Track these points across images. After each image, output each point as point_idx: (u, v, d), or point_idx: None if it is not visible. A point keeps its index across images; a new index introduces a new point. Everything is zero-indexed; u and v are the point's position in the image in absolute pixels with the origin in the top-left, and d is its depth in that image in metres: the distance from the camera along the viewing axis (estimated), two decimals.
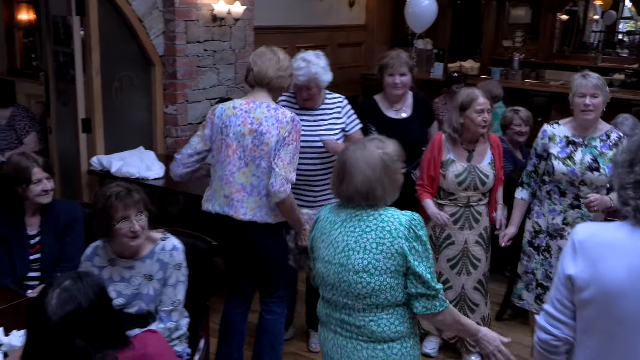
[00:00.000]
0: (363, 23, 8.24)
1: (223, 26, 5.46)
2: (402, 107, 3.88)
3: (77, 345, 1.70)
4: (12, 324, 2.51)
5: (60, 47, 4.84)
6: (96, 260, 2.75)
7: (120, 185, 2.68)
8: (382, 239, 2.15)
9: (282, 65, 3.11)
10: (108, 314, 1.82)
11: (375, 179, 2.18)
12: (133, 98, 5.17)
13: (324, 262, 2.28)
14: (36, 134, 5.31)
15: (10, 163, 3.17)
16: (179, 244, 2.78)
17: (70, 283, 1.77)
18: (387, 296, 2.18)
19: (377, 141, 2.27)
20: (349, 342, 2.28)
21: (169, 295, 2.71)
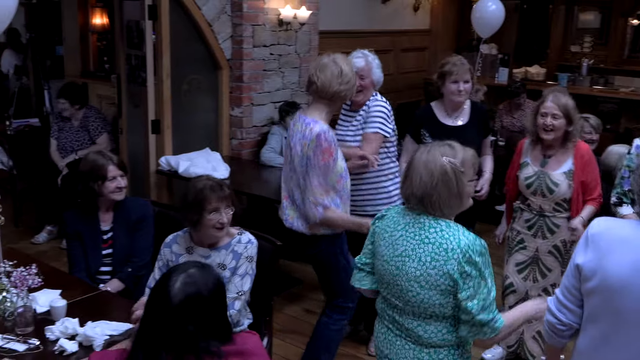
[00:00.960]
0: (427, 28, 8.20)
1: (289, 30, 5.53)
2: (459, 115, 3.83)
3: (189, 331, 1.75)
4: (86, 315, 2.61)
5: (133, 51, 5.00)
6: (175, 248, 2.87)
7: (211, 179, 2.83)
8: (437, 255, 2.11)
9: (345, 77, 3.11)
10: (222, 306, 1.87)
11: (432, 185, 2.14)
12: (200, 100, 5.30)
13: (382, 261, 2.28)
14: (108, 134, 5.49)
15: (87, 161, 3.30)
16: (254, 239, 2.88)
17: (195, 270, 1.83)
18: (435, 310, 2.16)
19: (446, 147, 2.21)
20: (398, 339, 2.29)
21: (235, 284, 2.78)
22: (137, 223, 3.30)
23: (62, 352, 2.41)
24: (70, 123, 5.45)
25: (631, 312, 1.83)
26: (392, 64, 7.64)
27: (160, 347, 1.77)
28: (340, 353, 3.88)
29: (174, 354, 1.76)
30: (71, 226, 3.28)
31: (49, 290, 2.82)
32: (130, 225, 3.30)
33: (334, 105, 3.17)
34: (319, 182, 3.06)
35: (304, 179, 3.11)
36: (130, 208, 3.33)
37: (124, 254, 3.28)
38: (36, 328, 2.54)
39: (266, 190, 4.76)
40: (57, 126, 5.51)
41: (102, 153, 3.36)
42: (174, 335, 1.77)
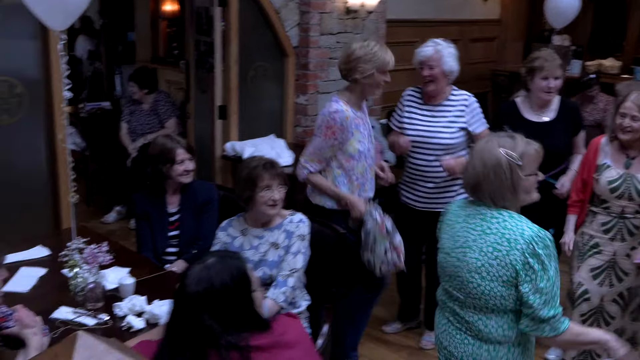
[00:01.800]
0: (497, 17, 8.02)
1: (356, 19, 5.51)
2: (546, 111, 3.65)
3: (204, 323, 1.76)
4: (153, 294, 2.68)
5: (202, 37, 5.08)
6: (230, 231, 2.94)
7: (264, 158, 2.89)
8: (500, 246, 2.08)
9: (351, 54, 3.25)
10: (242, 298, 1.85)
11: (483, 175, 2.12)
12: (266, 87, 5.35)
13: (444, 253, 2.28)
14: (176, 119, 5.61)
15: (156, 144, 3.38)
16: (305, 219, 2.92)
17: (212, 262, 1.85)
18: (497, 303, 2.13)
19: (506, 138, 2.18)
20: (458, 333, 2.27)
21: (288, 262, 2.81)
22: (203, 206, 3.37)
23: (129, 328, 2.48)
24: (141, 107, 5.59)
25: None
26: (460, 54, 7.43)
27: (182, 340, 1.78)
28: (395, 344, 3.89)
29: (195, 349, 1.76)
30: (140, 207, 3.37)
31: (118, 268, 2.91)
32: (197, 208, 3.37)
33: (354, 88, 3.30)
34: (314, 150, 3.34)
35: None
36: (196, 191, 3.39)
37: (189, 236, 3.34)
38: (105, 304, 2.63)
39: None
40: (128, 110, 5.66)
41: (171, 137, 3.44)
42: (192, 328, 1.77)
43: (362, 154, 3.33)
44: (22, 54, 3.95)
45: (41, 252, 3.12)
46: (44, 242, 3.21)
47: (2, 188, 3.93)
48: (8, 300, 2.44)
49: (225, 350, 1.75)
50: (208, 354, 1.76)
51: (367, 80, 3.25)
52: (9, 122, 3.91)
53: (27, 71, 3.98)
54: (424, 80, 3.56)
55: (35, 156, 4.12)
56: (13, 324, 2.21)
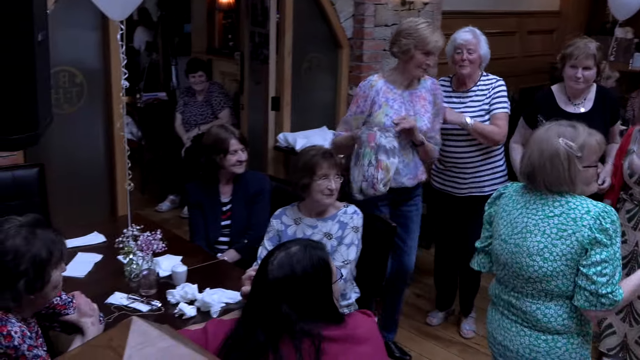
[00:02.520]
0: (557, 9, 7.80)
1: (411, 10, 5.43)
2: (582, 101, 3.54)
3: (282, 311, 1.78)
4: (204, 282, 2.71)
5: (257, 29, 5.11)
6: (284, 219, 2.95)
7: (322, 148, 2.92)
8: (565, 225, 2.06)
9: (398, 27, 3.32)
10: (321, 288, 1.85)
11: (540, 165, 2.11)
12: (319, 79, 5.33)
13: (500, 240, 2.24)
14: (229, 109, 5.66)
15: (210, 134, 3.41)
16: (359, 211, 2.92)
17: (296, 250, 1.86)
18: (559, 283, 2.10)
19: (568, 128, 2.14)
20: (513, 325, 2.24)
21: (341, 253, 2.82)
22: (255, 196, 3.39)
23: (181, 315, 2.52)
24: (195, 98, 5.66)
25: None
26: (517, 47, 7.33)
27: (257, 325, 1.79)
28: (434, 336, 3.85)
29: (270, 333, 1.77)
30: (193, 196, 3.42)
31: (171, 256, 2.96)
32: (249, 198, 3.39)
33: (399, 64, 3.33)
34: (343, 118, 3.43)
35: None
36: (249, 181, 3.41)
37: (241, 225, 3.37)
38: (158, 291, 2.68)
39: None
40: (183, 101, 5.74)
41: (225, 127, 3.47)
42: (269, 313, 1.79)
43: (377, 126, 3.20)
44: (82, 44, 4.05)
45: (97, 238, 3.19)
46: (99, 228, 3.28)
47: (62, 175, 4.04)
48: (65, 285, 2.50)
49: (299, 337, 1.76)
50: (282, 338, 1.78)
51: (405, 56, 3.23)
52: (70, 111, 4.02)
53: (87, 61, 4.07)
54: (459, 64, 3.52)
55: (94, 145, 4.22)
56: (72, 311, 2.26)
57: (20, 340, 1.91)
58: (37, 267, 1.95)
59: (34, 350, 1.95)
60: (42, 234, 1.99)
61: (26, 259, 1.93)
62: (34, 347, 1.95)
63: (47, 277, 1.99)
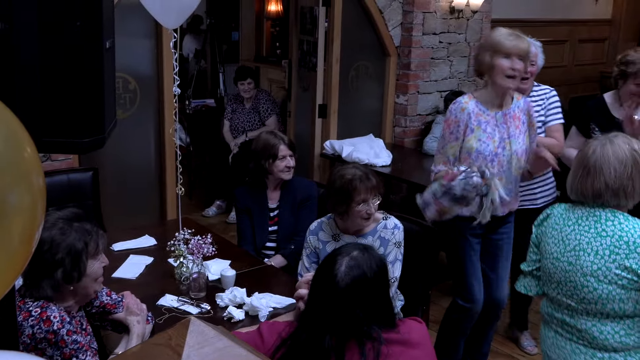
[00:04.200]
0: (609, 17, 7.66)
1: (460, 18, 5.41)
2: (637, 110, 3.36)
3: (357, 314, 1.78)
4: (252, 286, 2.74)
5: (305, 37, 5.15)
6: (321, 235, 2.89)
7: (358, 169, 2.79)
8: (618, 249, 2.02)
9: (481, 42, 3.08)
10: (385, 289, 1.89)
11: (628, 175, 2.07)
12: (366, 87, 5.35)
13: (552, 259, 2.20)
14: (276, 116, 5.71)
15: (260, 139, 3.45)
16: (399, 223, 2.84)
17: (358, 253, 1.86)
18: (615, 307, 2.05)
19: (622, 137, 2.15)
20: (567, 343, 2.20)
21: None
22: (302, 203, 3.41)
23: (230, 318, 2.55)
24: (243, 105, 5.73)
25: None
26: (568, 55, 7.23)
27: (326, 331, 1.80)
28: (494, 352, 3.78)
29: (337, 337, 1.79)
30: (242, 202, 3.46)
31: (220, 260, 3.00)
32: (296, 205, 3.41)
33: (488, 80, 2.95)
34: (437, 149, 3.08)
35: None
36: (296, 188, 3.43)
37: (288, 231, 3.39)
38: (207, 294, 2.71)
39: (427, 179, 4.63)
40: (231, 108, 5.82)
41: (274, 133, 3.50)
42: (340, 319, 1.79)
43: (480, 155, 2.92)
44: (136, 51, 4.15)
45: (148, 241, 3.26)
46: (150, 231, 3.35)
47: (114, 179, 4.14)
48: (118, 286, 2.57)
49: (365, 341, 1.78)
50: (348, 341, 1.79)
51: (487, 68, 2.91)
52: (123, 116, 4.11)
53: (140, 68, 4.17)
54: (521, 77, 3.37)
55: (145, 150, 4.32)
56: (121, 310, 2.32)
57: (59, 325, 1.96)
58: (73, 257, 2.01)
59: (73, 335, 2.00)
60: (78, 226, 2.05)
61: (62, 249, 1.99)
62: (73, 332, 2.00)
63: (83, 267, 2.04)
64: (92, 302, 2.27)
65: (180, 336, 1.19)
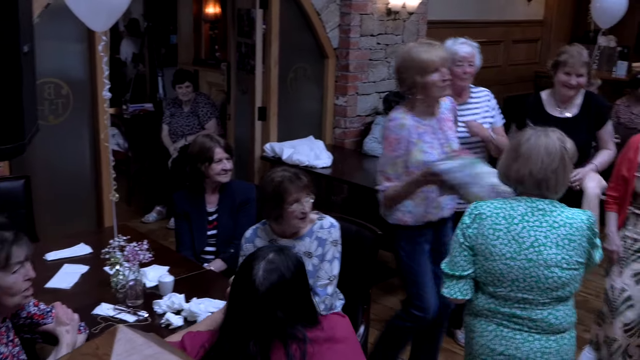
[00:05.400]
0: (541, 18, 7.89)
1: (397, 20, 5.48)
2: (569, 106, 3.56)
3: (278, 317, 1.77)
4: (191, 292, 2.70)
5: (243, 39, 5.13)
6: (257, 242, 2.85)
7: (287, 170, 2.78)
8: (573, 235, 2.19)
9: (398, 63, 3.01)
10: (305, 288, 1.88)
11: (553, 169, 2.18)
12: (306, 89, 5.36)
13: (505, 260, 2.21)
14: (216, 120, 5.66)
15: (196, 143, 3.42)
16: (335, 222, 2.84)
17: (274, 255, 1.85)
18: (571, 288, 2.25)
19: (558, 134, 2.26)
20: (517, 333, 2.28)
21: (325, 270, 2.78)
22: (241, 206, 3.39)
23: (168, 325, 2.51)
24: (181, 109, 5.66)
25: None
26: (502, 56, 7.42)
27: (249, 337, 1.78)
28: None
29: (261, 342, 1.77)
30: (179, 206, 3.42)
31: (158, 266, 2.95)
32: (235, 208, 3.39)
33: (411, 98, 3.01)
34: (380, 167, 3.04)
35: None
36: (235, 191, 3.41)
37: (227, 235, 3.37)
38: (145, 301, 2.66)
39: (368, 179, 4.73)
40: (169, 112, 5.74)
41: (210, 136, 3.47)
42: (263, 324, 1.78)
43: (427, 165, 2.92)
44: (68, 56, 4.05)
45: (83, 249, 3.18)
46: (86, 240, 3.27)
47: (48, 186, 4.03)
48: (51, 296, 2.50)
49: (289, 342, 1.77)
50: (273, 344, 1.78)
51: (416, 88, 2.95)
52: (55, 122, 4.01)
53: (72, 73, 4.08)
54: (460, 77, 3.44)
55: (80, 156, 4.22)
56: (50, 320, 2.26)
57: None
58: None
59: None
60: None
61: None
62: None
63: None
64: (19, 313, 2.21)
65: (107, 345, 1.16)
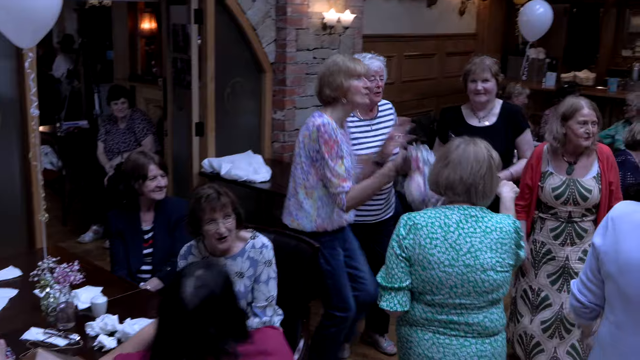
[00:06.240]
0: (473, 32, 8.11)
1: (332, 34, 5.54)
2: (486, 116, 3.70)
3: (210, 333, 1.76)
4: (126, 312, 2.65)
5: (179, 54, 5.09)
6: (190, 259, 2.83)
7: (211, 188, 2.74)
8: (504, 239, 2.29)
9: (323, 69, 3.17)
10: (235, 302, 1.87)
11: (481, 175, 2.29)
12: (243, 103, 5.35)
13: (444, 267, 2.25)
14: (153, 136, 5.59)
15: (129, 160, 3.37)
16: (267, 241, 2.82)
17: (203, 271, 1.83)
18: (504, 290, 2.34)
19: (485, 143, 2.38)
20: (454, 339, 2.33)
21: (262, 291, 2.76)
22: (177, 223, 3.33)
23: (101, 347, 2.45)
24: (117, 126, 5.56)
25: (638, 296, 1.84)
26: (437, 68, 7.58)
27: (180, 355, 1.76)
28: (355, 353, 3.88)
29: (193, 356, 1.76)
30: (114, 225, 3.35)
31: (91, 287, 2.88)
32: (171, 225, 3.34)
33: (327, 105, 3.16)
34: (336, 172, 3.03)
35: (301, 170, 3.16)
36: (170, 208, 3.37)
37: (163, 253, 3.32)
38: (77, 324, 2.60)
39: None
40: (105, 129, 5.63)
41: (144, 153, 3.43)
42: (194, 341, 1.76)
43: (349, 173, 3.11)
44: None
45: (12, 272, 3.08)
46: (15, 262, 3.17)
47: None
48: None
49: (222, 356, 1.76)
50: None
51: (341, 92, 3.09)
52: None
53: (1, 90, 3.95)
54: (374, 92, 3.48)
55: (10, 176, 4.09)
56: None
57: None
58: None
59: None
60: None
61: None
62: None
63: None
64: None
65: None
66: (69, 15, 8.73)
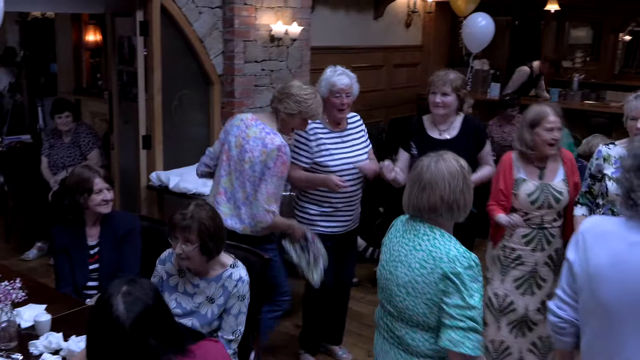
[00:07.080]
0: (419, 43, 8.26)
1: (280, 46, 5.56)
2: (447, 129, 3.70)
3: (150, 346, 1.73)
4: (71, 330, 2.59)
5: (124, 67, 5.02)
6: (168, 266, 2.85)
7: (193, 210, 2.70)
8: (426, 263, 2.13)
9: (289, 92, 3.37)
10: (168, 310, 1.87)
11: (460, 189, 2.19)
12: (192, 116, 5.31)
13: (380, 265, 2.33)
14: (99, 150, 5.48)
15: (73, 174, 3.29)
16: (245, 275, 2.79)
17: (129, 287, 1.80)
18: (419, 320, 2.17)
19: (451, 154, 2.27)
20: (392, 348, 2.30)
21: (230, 324, 2.75)
22: (124, 237, 3.28)
23: None
24: (62, 140, 5.44)
25: (615, 304, 1.85)
26: (385, 80, 7.68)
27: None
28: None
29: None
30: (58, 241, 3.27)
31: (34, 305, 2.81)
32: (117, 240, 3.28)
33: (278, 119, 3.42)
34: (274, 190, 3.32)
35: (252, 183, 3.34)
36: (117, 222, 3.31)
37: (110, 269, 3.25)
38: (20, 343, 2.54)
39: None
40: (48, 143, 5.50)
41: (89, 166, 3.36)
42: (136, 356, 1.74)
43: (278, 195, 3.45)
44: None
45: None
46: None
47: None
48: None
49: None
50: None
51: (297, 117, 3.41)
52: None
53: None
54: (338, 108, 3.58)
55: None
56: None
57: None
58: None
59: None
60: None
61: None
62: None
63: None
64: None
65: None
66: (10, 28, 8.52)
